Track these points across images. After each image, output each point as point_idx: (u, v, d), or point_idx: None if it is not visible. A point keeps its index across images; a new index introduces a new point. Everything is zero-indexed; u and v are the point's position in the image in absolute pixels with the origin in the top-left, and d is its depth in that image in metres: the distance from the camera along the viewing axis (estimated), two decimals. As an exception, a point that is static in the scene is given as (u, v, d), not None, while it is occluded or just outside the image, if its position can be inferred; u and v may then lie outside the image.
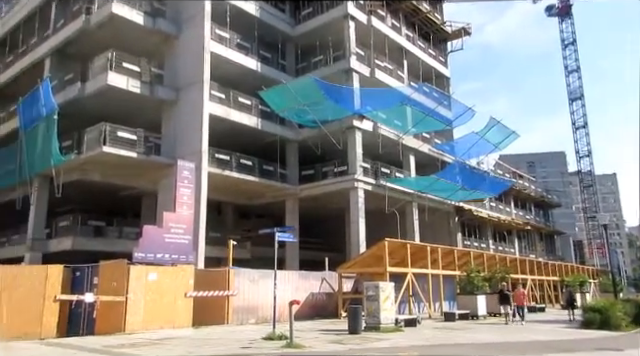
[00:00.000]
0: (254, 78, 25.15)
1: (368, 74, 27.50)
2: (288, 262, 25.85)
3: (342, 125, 25.76)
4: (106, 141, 20.54)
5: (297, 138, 27.17)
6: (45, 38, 25.33)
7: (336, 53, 27.35)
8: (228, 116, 23.65)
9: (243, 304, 17.33)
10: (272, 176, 25.85)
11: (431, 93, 28.22)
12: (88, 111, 22.38)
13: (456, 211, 33.52)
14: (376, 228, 25.55)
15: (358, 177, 25.31)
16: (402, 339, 12.84)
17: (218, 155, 23.27)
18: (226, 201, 27.93)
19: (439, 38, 36.53)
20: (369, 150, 26.43)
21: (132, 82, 21.80)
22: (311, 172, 27.18)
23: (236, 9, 25.06)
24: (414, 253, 21.05)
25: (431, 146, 31.82)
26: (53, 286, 13.79)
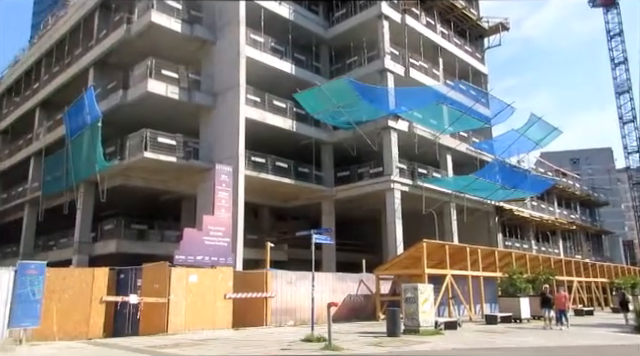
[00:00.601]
0: (288, 81, 25.35)
1: (403, 73, 27.27)
2: (325, 264, 25.89)
3: (377, 126, 25.62)
4: (147, 147, 21.12)
5: (332, 140, 27.20)
6: (89, 48, 26.27)
7: (370, 53, 27.25)
8: (264, 119, 23.92)
9: (281, 306, 17.48)
10: (307, 178, 25.97)
11: (468, 91, 27.68)
12: (129, 118, 23.08)
13: (496, 211, 32.75)
14: (413, 229, 25.28)
15: (394, 178, 25.10)
16: (442, 342, 12.65)
17: (254, 158, 23.55)
18: (262, 204, 28.22)
19: (475, 34, 35.84)
20: (405, 150, 26.17)
21: (171, 89, 22.36)
22: (346, 174, 27.13)
23: (270, 13, 25.33)
24: (453, 254, 20.71)
25: (469, 145, 31.21)
26: (99, 288, 14.29)
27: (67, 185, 24.59)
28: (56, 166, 26.07)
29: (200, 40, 24.19)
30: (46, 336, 12.70)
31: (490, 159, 31.14)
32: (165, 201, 26.45)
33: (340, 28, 28.43)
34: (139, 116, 22.92)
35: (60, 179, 25.35)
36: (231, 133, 22.58)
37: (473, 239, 26.90)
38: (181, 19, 23.29)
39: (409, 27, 28.37)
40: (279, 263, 23.68)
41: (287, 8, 26.62)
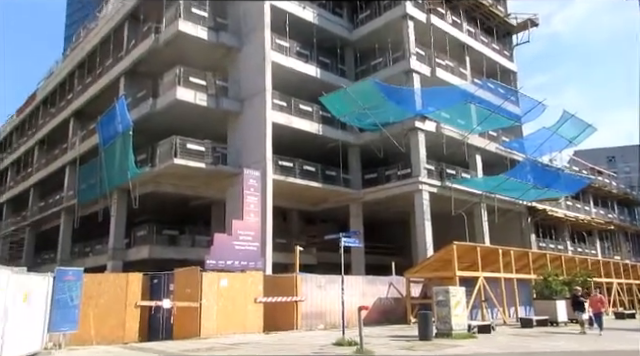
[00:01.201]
0: (314, 84, 25.42)
1: (429, 74, 27.00)
2: (354, 267, 25.79)
3: (404, 127, 25.42)
4: (177, 153, 21.48)
5: (359, 142, 27.12)
6: (119, 59, 26.93)
7: (395, 54, 27.08)
8: (290, 123, 24.03)
9: (311, 310, 17.48)
10: (335, 181, 25.94)
11: (496, 89, 27.22)
12: (159, 125, 23.53)
13: (529, 211, 32.01)
14: (443, 231, 24.94)
15: (422, 179, 24.83)
16: (476, 346, 12.42)
17: (282, 162, 23.67)
18: (291, 207, 28.33)
19: (503, 32, 35.19)
20: (433, 151, 25.88)
21: (199, 96, 22.70)
22: (374, 176, 26.98)
23: (295, 18, 25.47)
24: (485, 256, 20.33)
25: (498, 144, 30.62)
26: (134, 293, 14.58)
27: (101, 193, 25.29)
28: (90, 174, 26.84)
29: (226, 47, 24.49)
30: (84, 340, 13.03)
31: (521, 158, 30.49)
32: (195, 206, 26.83)
33: (365, 30, 28.36)
34: (168, 123, 23.35)
35: (94, 187, 26.09)
36: (258, 138, 22.77)
37: (505, 240, 26.36)
38: (207, 27, 23.62)
39: (435, 26, 28.08)
40: (308, 267, 23.73)
41: (311, 12, 26.71)
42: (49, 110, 36.95)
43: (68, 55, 36.39)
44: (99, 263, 25.64)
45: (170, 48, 23.70)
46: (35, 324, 10.81)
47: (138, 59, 25.10)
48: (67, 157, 31.29)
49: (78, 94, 31.55)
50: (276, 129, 22.95)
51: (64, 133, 32.63)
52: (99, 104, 27.58)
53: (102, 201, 25.68)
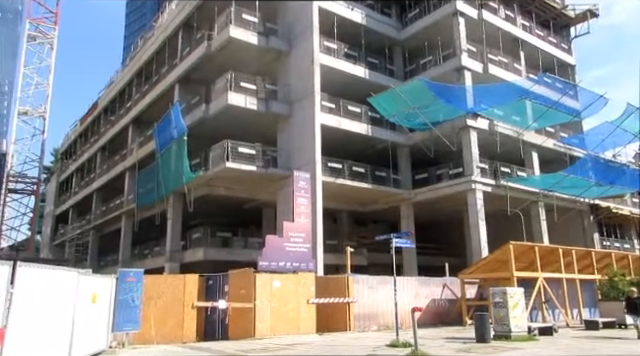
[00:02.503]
0: (362, 85, 25.32)
1: (481, 70, 26.29)
2: (406, 268, 25.47)
3: (455, 125, 24.87)
4: (229, 157, 21.97)
5: (408, 142, 26.78)
6: (174, 66, 27.86)
7: (445, 52, 26.55)
8: (339, 125, 24.06)
9: (363, 311, 17.41)
10: (385, 182, 25.72)
11: (554, 84, 26.14)
12: (212, 130, 24.16)
13: (591, 209, 30.49)
14: (498, 231, 24.22)
15: (475, 178, 24.18)
16: (537, 349, 11.95)
17: (331, 164, 23.72)
18: (341, 209, 28.34)
19: (560, 24, 33.73)
20: (486, 149, 25.17)
21: (249, 100, 23.13)
22: (424, 176, 26.55)
23: (343, 19, 25.50)
24: (544, 256, 19.56)
25: (556, 140, 29.37)
26: (191, 294, 15.03)
27: (158, 197, 26.28)
28: (148, 179, 27.95)
29: (276, 51, 24.84)
30: (145, 340, 13.57)
31: (582, 154, 29.11)
32: (247, 209, 27.35)
33: (413, 28, 27.98)
34: (221, 128, 23.94)
35: (152, 191, 27.16)
36: (307, 140, 22.93)
37: (566, 240, 25.26)
38: (257, 32, 24.03)
39: (486, 22, 27.33)
40: (359, 268, 23.64)
41: (359, 13, 26.65)
42: (109, 118, 38.77)
43: (127, 64, 38.05)
44: (157, 265, 26.61)
45: (222, 54, 24.29)
46: (100, 324, 11.35)
47: (192, 66, 25.87)
48: (127, 162, 32.68)
49: (136, 102, 32.90)
50: (325, 131, 23.04)
51: (124, 139, 34.13)
52: (156, 111, 28.66)
53: (159, 205, 26.68)
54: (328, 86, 23.82)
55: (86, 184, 41.15)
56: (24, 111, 56.39)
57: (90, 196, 39.32)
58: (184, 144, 22.51)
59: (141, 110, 31.75)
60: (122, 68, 40.03)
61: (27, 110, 56.50)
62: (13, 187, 58.29)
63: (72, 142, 49.18)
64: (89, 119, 43.80)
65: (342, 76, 25.06)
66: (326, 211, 22.97)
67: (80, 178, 44.23)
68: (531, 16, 31.23)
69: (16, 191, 58.77)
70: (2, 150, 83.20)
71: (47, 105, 56.88)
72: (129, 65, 36.69)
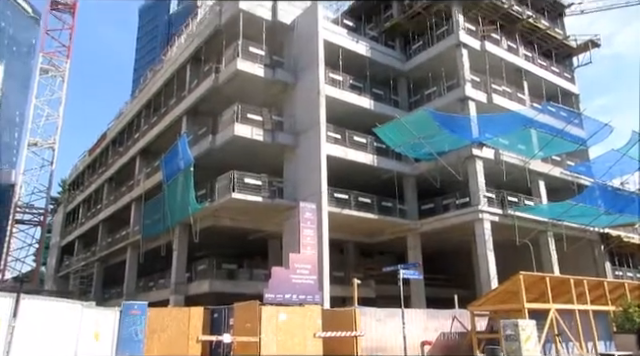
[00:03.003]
0: (368, 116, 25.52)
1: (485, 100, 26.45)
2: (414, 300, 25.06)
3: (460, 155, 24.87)
4: (235, 188, 22.00)
5: (414, 172, 26.76)
6: (182, 98, 28.25)
7: (450, 82, 26.81)
8: (345, 156, 24.13)
9: (371, 344, 17.03)
10: (391, 212, 25.60)
11: (558, 112, 26.25)
12: (218, 161, 24.30)
13: (601, 238, 30.06)
14: (507, 261, 23.87)
15: (482, 208, 24.02)
16: (549, 386, 11.57)
17: (337, 194, 23.68)
18: (347, 240, 28.15)
19: (563, 54, 34.09)
20: (492, 179, 25.07)
21: (256, 131, 23.32)
22: (431, 206, 26.40)
23: (348, 52, 25.92)
24: (555, 287, 19.17)
25: (563, 169, 29.25)
26: (195, 327, 14.82)
27: (164, 228, 26.21)
28: (154, 210, 27.96)
29: (282, 83, 25.18)
30: (148, 374, 13.31)
31: (589, 183, 28.92)
32: (253, 240, 27.21)
33: (417, 60, 28.36)
34: (227, 158, 24.08)
35: (158, 222, 27.11)
36: (313, 170, 22.97)
37: (577, 270, 24.83)
38: (264, 64, 24.42)
39: (489, 53, 27.66)
40: (366, 300, 23.29)
41: (364, 45, 27.11)
42: (118, 149, 39.15)
43: (136, 97, 38.67)
44: (162, 297, 26.35)
45: (229, 86, 24.65)
46: (103, 357, 11.18)
47: (199, 98, 26.22)
48: (133, 193, 32.80)
49: (144, 133, 33.25)
50: (331, 161, 23.10)
51: (131, 170, 34.37)
52: (163, 142, 28.92)
53: (165, 236, 26.61)
54: (334, 117, 24.01)
55: (92, 215, 41.24)
56: (34, 142, 57.23)
57: (96, 227, 39.34)
58: (190, 175, 22.59)
59: (149, 141, 32.06)
60: (131, 100, 40.68)
61: (37, 141, 57.35)
62: (20, 218, 58.66)
63: (80, 173, 49.59)
64: (97, 150, 44.24)
65: (347, 107, 25.30)
66: (332, 242, 22.80)
67: (87, 209, 44.37)
68: (533, 47, 31.59)
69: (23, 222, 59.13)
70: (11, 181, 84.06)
71: (57, 136, 57.81)
72: (138, 97, 37.27)
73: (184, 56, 29.03)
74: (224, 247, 27.84)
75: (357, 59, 26.44)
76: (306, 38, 25.27)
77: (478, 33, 27.77)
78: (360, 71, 26.28)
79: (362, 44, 27.07)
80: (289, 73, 25.36)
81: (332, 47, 25.15)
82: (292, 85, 25.30)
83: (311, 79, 24.29)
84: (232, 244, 27.83)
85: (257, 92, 25.12)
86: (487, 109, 25.78)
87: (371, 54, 27.19)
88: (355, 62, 26.20)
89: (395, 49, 29.38)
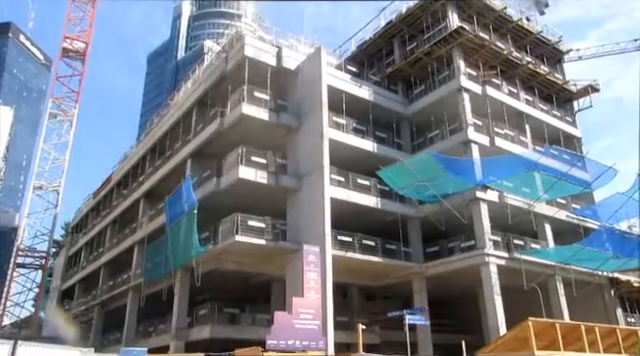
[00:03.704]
0: (371, 158, 25.65)
1: (488, 143, 26.62)
2: (420, 346, 24.37)
3: (465, 198, 24.80)
4: (238, 230, 21.89)
5: (418, 215, 26.61)
6: (187, 142, 28.56)
7: (452, 126, 27.07)
8: (348, 198, 24.11)
9: (377, 394, 16.44)
10: (395, 255, 25.30)
11: (561, 155, 26.25)
12: (222, 203, 24.29)
13: (611, 283, 29.43)
14: (515, 306, 23.30)
15: (488, 251, 23.71)
16: None
17: (341, 237, 23.49)
18: (351, 283, 27.70)
19: (563, 98, 34.52)
20: (497, 222, 24.87)
21: (259, 173, 23.42)
22: (436, 249, 26.10)
23: (351, 96, 26.38)
24: (565, 334, 18.56)
25: (569, 212, 29.03)
26: (194, 374, 14.35)
27: (166, 271, 25.93)
28: (156, 253, 27.75)
29: (286, 126, 25.49)
30: None
31: (596, 226, 28.61)
32: (255, 283, 26.81)
33: (420, 104, 28.78)
34: (231, 201, 24.08)
35: (160, 265, 26.85)
36: (317, 213, 22.89)
37: (587, 316, 24.11)
38: (268, 109, 24.82)
39: (490, 97, 28.06)
40: (371, 346, 22.65)
41: (367, 90, 27.63)
42: (122, 192, 39.29)
43: (141, 140, 39.14)
44: (162, 343, 25.73)
45: (234, 130, 24.96)
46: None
47: (204, 141, 26.52)
48: (136, 236, 32.65)
49: (149, 176, 33.45)
50: (334, 204, 23.05)
51: (134, 213, 34.33)
52: (167, 185, 29.03)
53: (166, 279, 26.26)
54: (337, 160, 24.15)
55: (94, 258, 40.93)
56: (39, 185, 57.53)
57: (98, 271, 38.95)
58: (194, 218, 22.53)
59: (153, 184, 32.20)
60: (137, 144, 41.15)
61: (42, 184, 57.66)
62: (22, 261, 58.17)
63: (84, 216, 49.56)
64: (102, 193, 44.42)
65: (351, 150, 25.49)
66: (336, 286, 22.42)
67: (89, 252, 44.09)
68: (534, 91, 32.06)
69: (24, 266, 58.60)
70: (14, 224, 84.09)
71: (62, 179, 58.12)
72: (144, 141, 37.73)
73: (190, 100, 29.58)
74: (226, 291, 27.39)
75: (360, 103, 26.87)
76: (310, 83, 25.79)
77: (479, 78, 28.26)
78: (363, 115, 26.64)
79: (365, 89, 27.59)
80: (293, 117, 25.72)
81: (335, 92, 25.61)
82: (296, 128, 25.60)
83: (315, 123, 24.61)
84: (234, 288, 27.40)
85: (261, 135, 25.41)
86: (490, 152, 25.89)
87: (374, 98, 27.65)
88: (358, 106, 26.61)
89: (397, 93, 29.89)
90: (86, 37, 58.89)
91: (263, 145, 24.80)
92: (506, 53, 29.85)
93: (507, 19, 30.99)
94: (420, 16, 29.76)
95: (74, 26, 58.71)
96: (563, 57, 36.03)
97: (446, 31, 27.89)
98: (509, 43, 31.08)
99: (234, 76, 25.49)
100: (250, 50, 24.99)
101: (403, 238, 25.76)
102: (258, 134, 25.29)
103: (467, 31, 27.68)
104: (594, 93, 34.71)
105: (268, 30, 29.20)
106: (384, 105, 28.13)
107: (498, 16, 30.48)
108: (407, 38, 30.56)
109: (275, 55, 26.08)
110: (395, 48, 31.30)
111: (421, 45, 29.25)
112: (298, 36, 28.54)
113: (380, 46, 32.07)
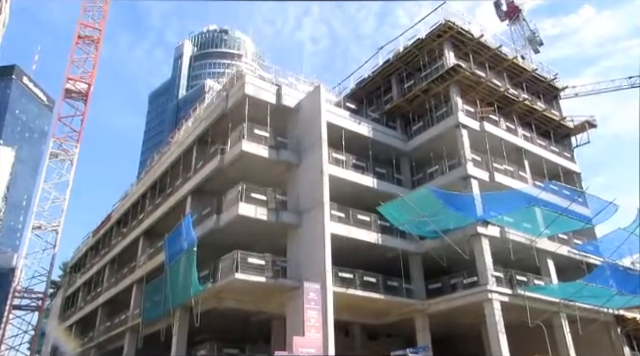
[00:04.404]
0: (371, 194, 25.68)
1: (487, 179, 26.69)
2: (425, 387, 23.66)
3: (466, 233, 24.67)
4: (238, 268, 21.65)
5: (420, 250, 26.40)
6: (187, 179, 28.61)
7: (451, 161, 27.23)
8: (349, 234, 23.98)
9: None
10: (397, 292, 24.94)
11: (561, 191, 26.26)
12: (222, 240, 24.12)
13: (616, 321, 28.89)
14: (520, 344, 22.85)
15: (491, 288, 23.39)
16: None
17: (342, 274, 23.24)
18: (352, 321, 27.18)
19: (561, 134, 34.84)
20: (499, 257, 24.64)
21: (259, 210, 23.39)
22: (438, 285, 25.72)
23: (350, 133, 26.65)
24: (573, 373, 18.15)
25: (571, 247, 28.83)
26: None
27: (164, 311, 25.45)
28: (155, 292, 27.32)
29: (286, 163, 25.64)
30: None
31: (598, 262, 28.33)
32: (255, 322, 26.29)
33: (419, 140, 29.04)
34: (231, 238, 23.92)
35: (158, 305, 26.38)
36: (317, 250, 22.71)
37: (594, 354, 23.71)
38: (268, 146, 25.02)
39: (489, 133, 28.33)
40: (375, 387, 22.03)
41: (366, 126, 27.95)
42: (121, 230, 39.06)
43: (142, 178, 39.24)
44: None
45: (234, 166, 25.08)
46: None
47: (205, 178, 26.58)
48: (135, 275, 32.25)
49: (149, 214, 33.32)
50: (335, 240, 22.91)
51: (134, 252, 34.03)
52: (167, 222, 28.91)
53: (165, 319, 25.76)
54: (337, 196, 24.16)
55: (92, 299, 40.30)
56: (38, 225, 57.23)
57: (95, 311, 38.30)
58: (193, 256, 22.33)
59: (153, 222, 32.05)
60: (137, 182, 41.23)
61: (41, 224, 57.37)
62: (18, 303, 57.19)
63: (82, 255, 49.11)
64: (101, 231, 44.17)
65: (351, 186, 25.55)
66: (337, 324, 21.98)
67: (87, 292, 43.46)
68: (531, 127, 32.43)
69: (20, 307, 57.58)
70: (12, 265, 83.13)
71: (61, 219, 57.87)
72: (144, 179, 37.83)
73: (191, 138, 29.84)
74: (226, 330, 26.84)
75: (360, 139, 27.12)
76: (309, 120, 26.12)
77: (477, 114, 28.63)
78: (363, 151, 26.84)
79: (364, 125, 27.92)
80: (293, 153, 25.91)
81: (335, 128, 25.89)
82: (296, 165, 25.74)
83: (315, 159, 24.77)
84: (234, 327, 26.86)
85: (261, 172, 25.53)
86: (489, 187, 25.94)
87: (373, 135, 27.94)
88: (358, 142, 26.85)
89: (396, 129, 30.20)
90: (89, 78, 59.92)
91: (263, 182, 24.87)
92: (502, 90, 30.37)
93: (502, 57, 31.69)
94: (417, 54, 30.44)
95: (77, 67, 59.88)
96: (559, 94, 36.63)
97: (443, 69, 28.48)
98: (505, 80, 31.67)
99: (234, 114, 25.85)
100: (250, 88, 25.43)
101: (404, 274, 25.46)
102: (258, 171, 25.41)
103: (463, 69, 28.27)
104: (591, 129, 35.08)
105: (268, 69, 29.75)
106: (383, 141, 28.39)
107: (493, 54, 31.20)
108: (405, 76, 31.17)
109: (275, 93, 26.52)
110: (393, 85, 31.87)
111: (419, 82, 29.82)
112: (297, 74, 29.15)
113: (378, 83, 32.67)
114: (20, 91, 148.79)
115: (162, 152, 36.97)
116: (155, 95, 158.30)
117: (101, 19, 60.62)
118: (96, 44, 60.25)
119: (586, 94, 50.71)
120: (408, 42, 30.94)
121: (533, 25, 67.29)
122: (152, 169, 36.69)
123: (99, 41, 60.29)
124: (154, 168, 36.05)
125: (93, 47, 60.22)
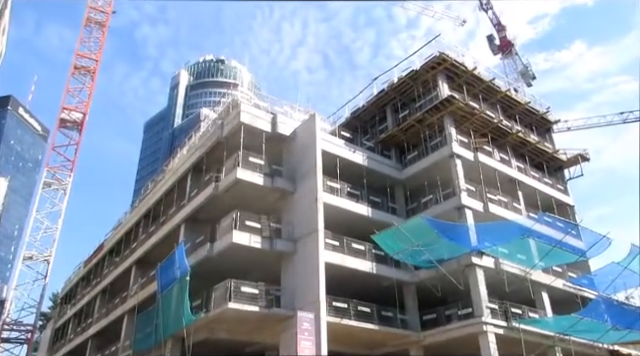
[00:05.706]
0: (366, 223, 25.63)
1: (482, 209, 26.78)
2: None
3: (460, 263, 24.54)
4: (231, 297, 21.34)
5: (414, 280, 26.18)
6: (181, 207, 28.50)
7: (445, 191, 27.34)
8: (343, 263, 23.82)
9: None
10: (392, 322, 24.59)
11: (554, 223, 26.31)
12: (215, 268, 23.87)
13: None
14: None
15: (486, 320, 23.12)
16: None
17: (336, 303, 22.94)
18: (346, 352, 26.58)
19: (554, 166, 35.18)
20: (494, 288, 24.45)
21: (254, 238, 23.25)
22: (433, 316, 25.41)
23: (345, 161, 26.82)
24: (570, 407, 17.78)
25: (565, 280, 28.67)
26: None
27: (156, 341, 24.87)
28: (147, 322, 26.75)
29: (281, 190, 25.65)
30: None
31: (593, 295, 28.15)
32: (249, 353, 25.74)
33: (413, 169, 29.23)
34: (224, 266, 23.70)
35: (150, 336, 25.79)
36: (311, 278, 22.49)
37: (591, 388, 23.21)
38: (263, 173, 25.07)
39: (483, 164, 28.59)
40: None
41: (361, 155, 28.18)
42: (114, 259, 38.57)
43: (136, 207, 39.04)
44: None
45: (228, 194, 25.06)
46: None
47: (199, 206, 26.49)
48: (127, 305, 31.67)
49: (142, 242, 32.99)
50: (329, 268, 22.72)
51: (126, 281, 33.52)
52: (160, 251, 28.61)
53: (156, 350, 25.17)
54: (332, 224, 24.11)
55: (82, 330, 39.38)
56: (29, 256, 56.36)
57: (85, 343, 37.38)
58: (186, 285, 22.00)
59: (146, 251, 31.71)
60: (130, 210, 40.97)
61: (32, 254, 56.53)
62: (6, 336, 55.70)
63: (73, 285, 48.20)
64: (93, 261, 43.55)
65: (345, 214, 25.53)
66: (331, 354, 21.56)
67: (77, 324, 42.49)
68: (525, 159, 32.74)
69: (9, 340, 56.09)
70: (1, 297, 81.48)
71: (53, 249, 57.10)
72: (138, 207, 37.64)
73: (185, 166, 29.87)
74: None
75: (354, 168, 27.28)
76: (304, 148, 26.29)
77: (471, 145, 28.96)
78: (357, 179, 26.94)
79: (359, 154, 28.13)
80: (288, 181, 25.97)
81: (330, 157, 26.05)
82: (290, 193, 25.76)
83: (309, 187, 24.82)
84: (226, 359, 26.23)
85: (256, 200, 25.51)
86: (484, 218, 25.98)
87: (368, 163, 28.13)
88: (352, 171, 26.99)
89: (391, 158, 30.40)
90: (84, 108, 60.05)
91: (258, 209, 24.82)
92: (496, 121, 30.80)
93: (496, 89, 32.32)
94: (411, 85, 31.00)
95: (73, 97, 60.01)
96: (552, 126, 37.18)
97: (437, 100, 28.96)
98: (499, 112, 32.20)
99: (230, 142, 26.00)
100: (246, 117, 25.69)
101: (399, 304, 25.16)
102: (253, 198, 25.39)
103: (457, 100, 28.75)
104: (584, 162, 35.42)
105: (264, 98, 30.15)
106: (378, 170, 28.56)
107: (487, 86, 31.81)
108: (399, 106, 31.65)
109: (270, 121, 26.78)
110: (388, 115, 32.31)
111: (413, 112, 30.26)
112: (293, 103, 29.60)
113: (373, 113, 33.12)
114: (15, 121, 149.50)
115: (156, 180, 36.93)
116: (150, 124, 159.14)
117: (97, 50, 61.40)
118: (92, 74, 60.72)
119: (578, 128, 51.56)
120: (402, 73, 31.58)
121: (525, 59, 69.00)
122: (146, 197, 36.54)
123: (95, 71, 60.84)
124: (148, 196, 35.91)
125: (89, 77, 60.67)
